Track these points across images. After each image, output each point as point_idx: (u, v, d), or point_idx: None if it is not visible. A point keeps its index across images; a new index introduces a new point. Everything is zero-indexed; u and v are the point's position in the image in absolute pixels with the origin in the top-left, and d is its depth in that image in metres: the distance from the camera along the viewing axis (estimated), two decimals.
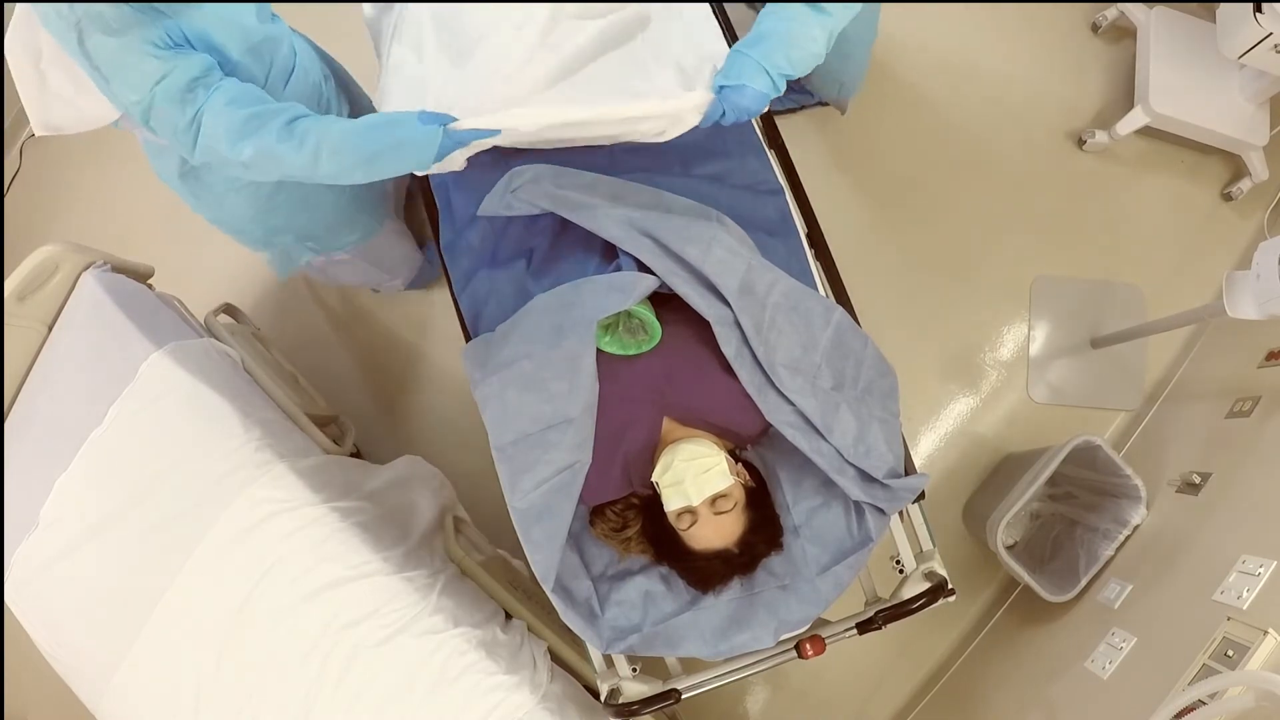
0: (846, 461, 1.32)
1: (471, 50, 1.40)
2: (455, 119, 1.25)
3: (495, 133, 1.25)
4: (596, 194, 1.36)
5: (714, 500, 1.31)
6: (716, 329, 1.30)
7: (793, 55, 1.27)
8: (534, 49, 1.36)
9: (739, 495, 1.34)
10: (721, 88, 1.27)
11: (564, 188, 1.36)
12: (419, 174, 1.31)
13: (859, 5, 1.30)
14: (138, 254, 1.95)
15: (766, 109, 1.39)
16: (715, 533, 1.33)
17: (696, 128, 1.31)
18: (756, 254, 1.38)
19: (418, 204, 2.16)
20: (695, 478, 1.30)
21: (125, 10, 1.20)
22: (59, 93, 1.39)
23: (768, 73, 1.26)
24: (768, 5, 1.31)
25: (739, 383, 1.36)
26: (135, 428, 1.64)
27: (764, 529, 1.37)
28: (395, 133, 1.24)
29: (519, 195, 1.36)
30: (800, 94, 2.38)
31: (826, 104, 2.41)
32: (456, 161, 1.29)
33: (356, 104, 1.73)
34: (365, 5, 1.55)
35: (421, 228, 2.35)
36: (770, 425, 1.45)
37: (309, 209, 1.80)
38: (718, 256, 1.30)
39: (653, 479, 1.35)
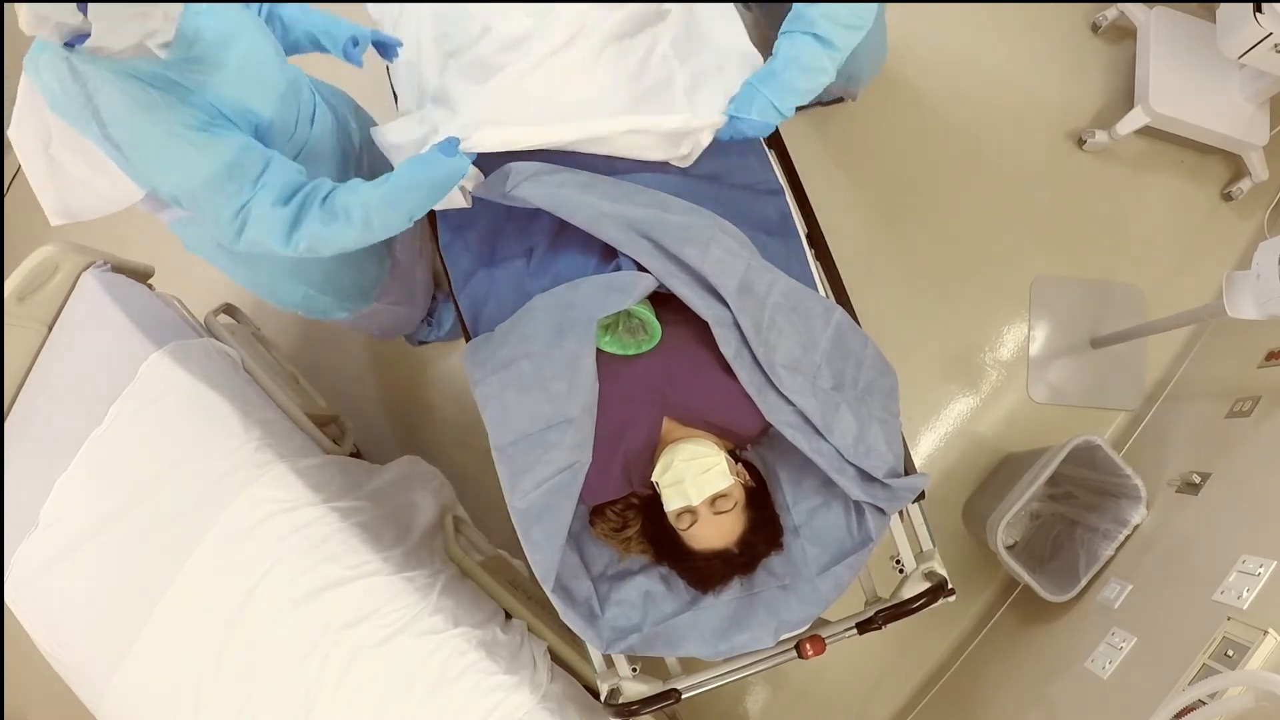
0: (846, 461, 1.32)
1: (492, 74, 1.47)
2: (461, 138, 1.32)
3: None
4: (593, 194, 1.36)
5: (714, 500, 1.31)
6: (715, 330, 1.30)
7: (800, 88, 1.38)
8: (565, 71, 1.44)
9: (739, 495, 1.34)
10: (732, 117, 1.39)
11: (562, 187, 1.36)
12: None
13: (863, 32, 1.37)
14: (138, 254, 1.95)
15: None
16: (715, 533, 1.33)
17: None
18: (756, 255, 1.38)
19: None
20: (695, 478, 1.30)
21: (151, 94, 1.15)
22: (75, 177, 1.31)
23: (776, 107, 1.39)
24: (780, 36, 1.39)
25: (739, 383, 1.36)
26: (135, 428, 1.64)
27: (764, 529, 1.37)
28: (430, 175, 1.28)
29: (517, 192, 1.36)
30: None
31: (833, 102, 2.40)
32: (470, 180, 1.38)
33: (364, 127, 1.71)
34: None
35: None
36: (770, 425, 1.45)
37: (345, 265, 1.75)
38: (716, 257, 1.30)
39: (652, 479, 1.35)
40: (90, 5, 0.98)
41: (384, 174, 1.31)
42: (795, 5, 1.36)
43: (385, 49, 1.53)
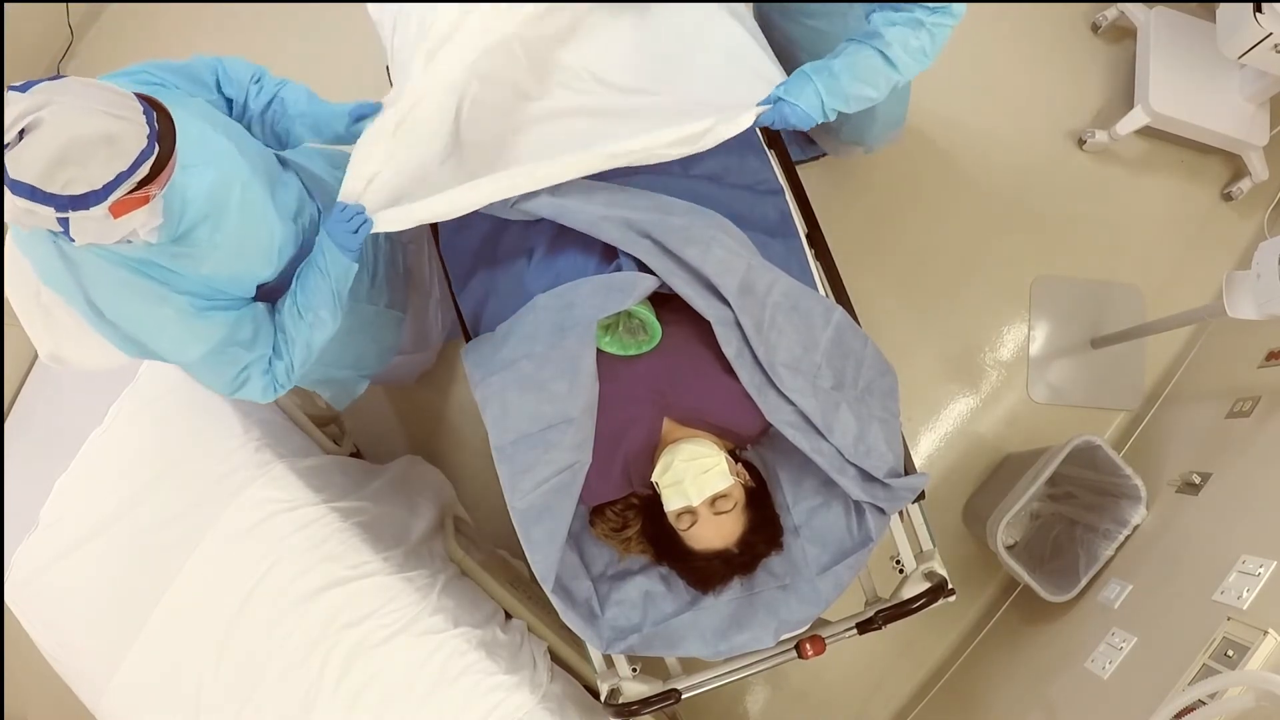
0: (847, 461, 1.32)
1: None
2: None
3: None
4: (595, 201, 1.35)
5: (714, 500, 1.31)
6: (717, 329, 1.30)
7: (851, 94, 1.35)
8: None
9: (739, 495, 1.34)
10: (780, 100, 1.35)
11: (561, 195, 1.35)
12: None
13: (926, 65, 1.35)
14: None
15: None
16: (715, 533, 1.33)
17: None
18: (756, 255, 1.38)
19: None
20: (695, 478, 1.30)
21: (140, 281, 1.10)
22: (66, 328, 1.27)
23: (823, 104, 1.35)
24: (847, 42, 1.36)
25: (739, 383, 1.36)
26: (135, 428, 1.64)
27: (764, 529, 1.37)
28: (321, 270, 1.25)
29: (521, 206, 1.35)
30: (818, 144, 2.33)
31: (816, 158, 2.38)
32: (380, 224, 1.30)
33: None
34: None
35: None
36: (770, 425, 1.45)
37: (354, 335, 1.64)
38: (717, 256, 1.30)
39: (652, 479, 1.35)
40: (70, 220, 0.90)
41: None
42: (873, 17, 1.34)
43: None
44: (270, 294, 1.32)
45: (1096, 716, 1.56)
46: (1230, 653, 1.29)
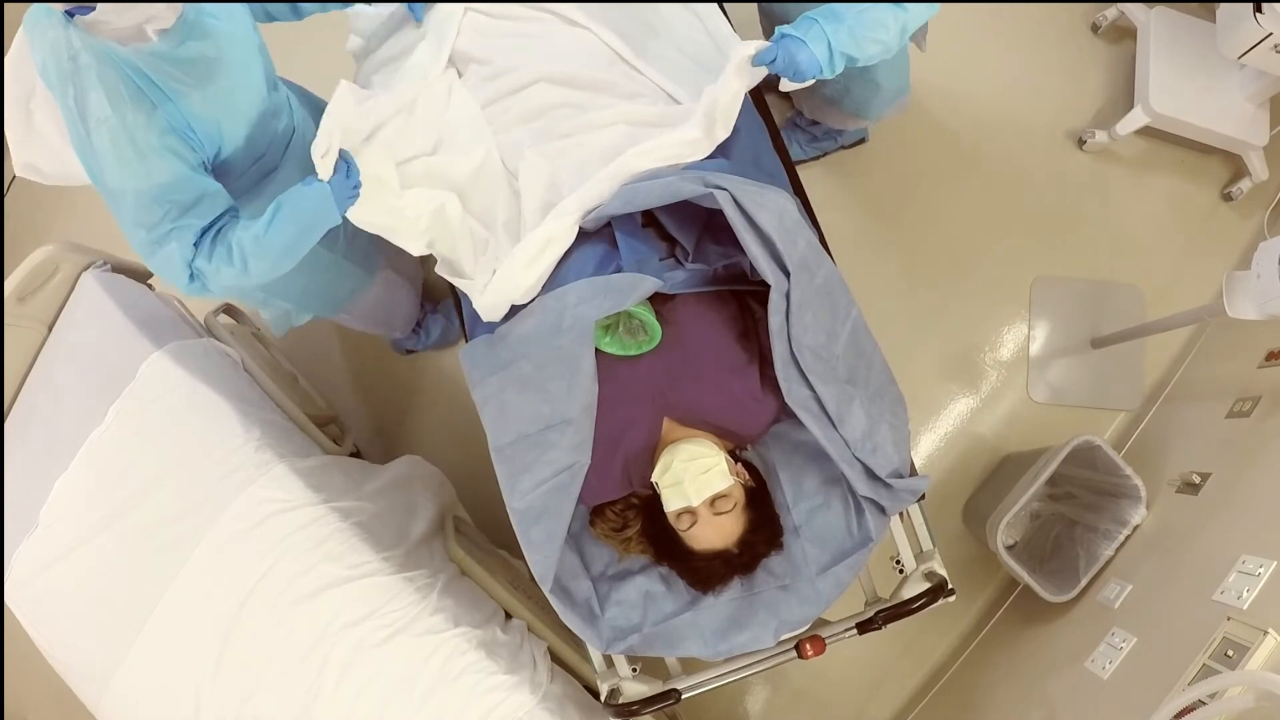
0: (854, 455, 1.31)
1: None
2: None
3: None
4: (662, 173, 1.35)
5: (713, 501, 1.31)
6: (773, 296, 1.27)
7: (859, 35, 1.28)
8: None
9: (739, 495, 1.34)
10: (784, 35, 1.28)
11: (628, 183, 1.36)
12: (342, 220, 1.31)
13: (939, 5, 1.30)
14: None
15: (794, 156, 1.44)
16: (715, 533, 1.33)
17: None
18: (814, 235, 1.38)
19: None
20: (695, 478, 1.30)
21: (126, 89, 1.15)
22: (44, 137, 1.32)
23: (829, 43, 1.27)
24: None
25: (739, 383, 1.36)
26: (135, 428, 1.64)
27: (764, 529, 1.37)
28: (296, 211, 1.25)
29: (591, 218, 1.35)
30: (825, 140, 2.33)
31: (855, 144, 2.38)
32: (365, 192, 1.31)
33: None
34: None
35: (437, 288, 2.36)
36: (770, 425, 1.46)
37: (303, 271, 1.60)
38: (788, 226, 1.27)
39: (652, 479, 1.35)
40: None
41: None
42: None
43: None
44: (220, 176, 1.34)
45: (1096, 716, 1.55)
46: (1230, 653, 1.29)
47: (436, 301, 2.37)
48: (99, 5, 1.02)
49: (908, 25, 1.30)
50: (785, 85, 1.32)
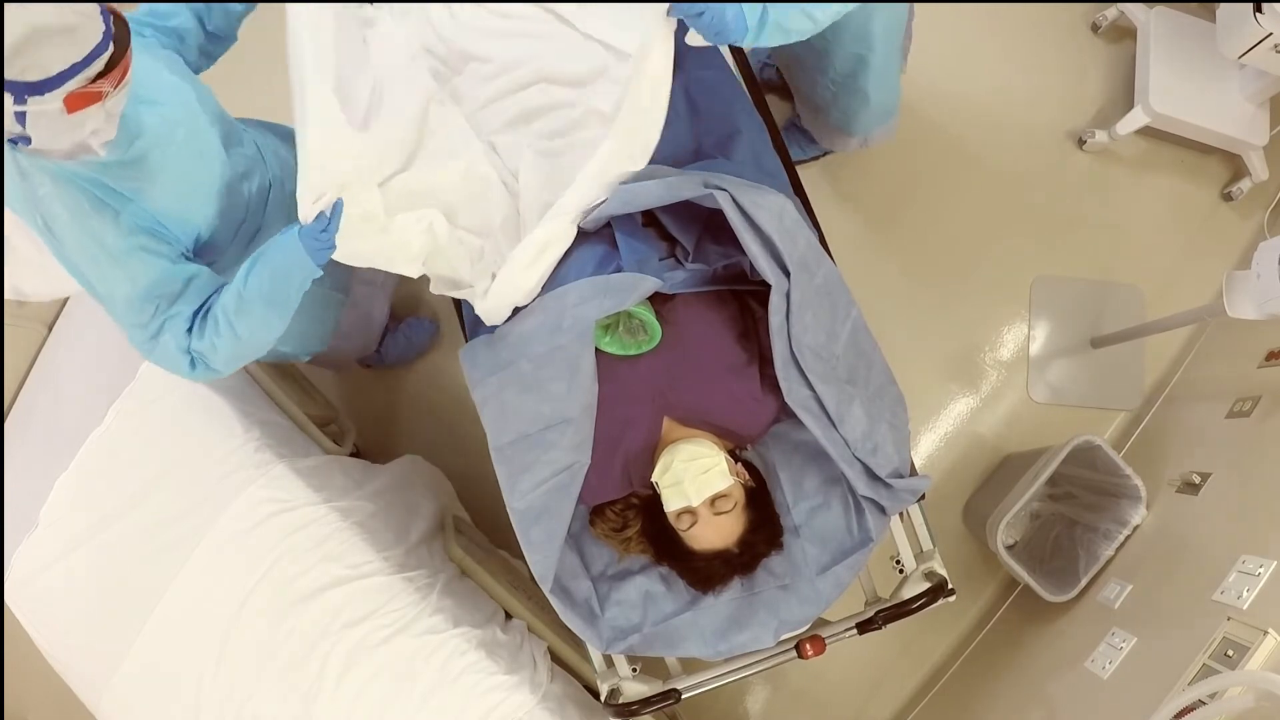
0: (854, 455, 1.31)
1: None
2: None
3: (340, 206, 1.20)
4: (660, 173, 1.34)
5: (713, 500, 1.31)
6: (773, 296, 1.27)
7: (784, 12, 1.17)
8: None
9: (739, 495, 1.34)
10: None
11: (626, 181, 1.34)
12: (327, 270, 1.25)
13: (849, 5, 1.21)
14: None
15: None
16: (715, 533, 1.33)
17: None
18: (814, 234, 1.37)
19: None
20: (695, 478, 1.30)
21: (87, 203, 1.14)
22: (25, 259, 1.30)
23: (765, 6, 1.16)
24: None
25: (739, 383, 1.36)
26: (135, 428, 1.64)
27: (764, 529, 1.37)
28: (269, 262, 1.20)
29: (591, 219, 1.34)
30: (815, 146, 2.30)
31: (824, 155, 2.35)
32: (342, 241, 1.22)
33: None
34: None
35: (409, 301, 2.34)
36: (769, 425, 1.45)
37: (298, 314, 1.44)
38: (787, 226, 1.27)
39: (652, 479, 1.35)
40: (28, 113, 0.95)
41: None
42: None
43: None
44: (207, 254, 1.32)
45: (1096, 716, 1.55)
46: (1230, 653, 1.29)
47: (400, 319, 2.34)
48: (34, 136, 0.99)
49: (838, 10, 1.20)
50: (694, 39, 1.22)
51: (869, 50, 1.70)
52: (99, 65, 0.97)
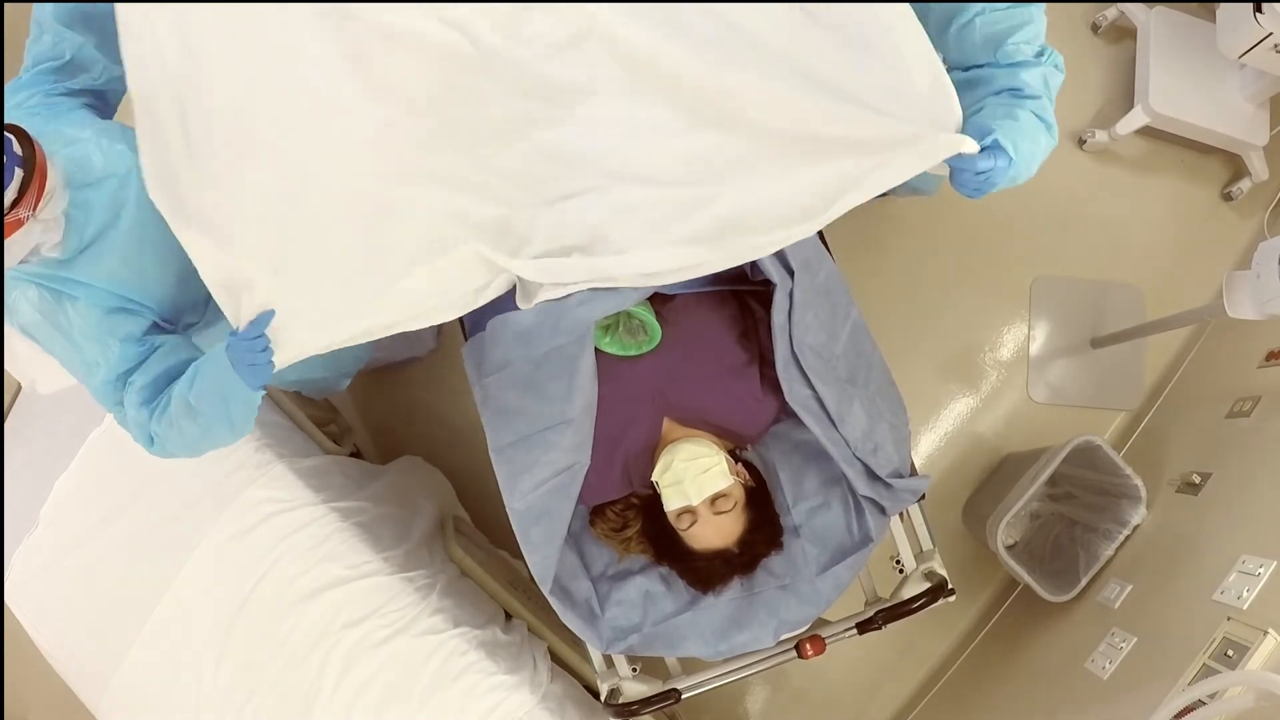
0: (854, 455, 1.32)
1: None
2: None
3: (270, 314, 1.09)
4: None
5: (714, 500, 1.31)
6: (777, 294, 1.26)
7: (1023, 150, 1.15)
8: None
9: (739, 495, 1.34)
10: (997, 143, 1.11)
11: None
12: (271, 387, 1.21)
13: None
14: None
15: None
16: (715, 532, 1.33)
17: None
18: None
19: None
20: (695, 478, 1.30)
21: (47, 298, 1.14)
22: (28, 358, 1.33)
23: (1014, 159, 1.13)
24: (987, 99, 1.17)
25: (739, 383, 1.36)
26: None
27: (764, 529, 1.37)
28: (208, 378, 1.13)
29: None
30: None
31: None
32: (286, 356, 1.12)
33: None
34: None
35: None
36: (769, 426, 1.45)
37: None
38: None
39: (652, 479, 1.35)
40: None
41: None
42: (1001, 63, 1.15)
43: None
44: (188, 315, 1.31)
45: (1096, 716, 1.55)
46: (1230, 653, 1.29)
47: None
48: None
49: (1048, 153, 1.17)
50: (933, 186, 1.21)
51: None
52: (11, 193, 0.98)
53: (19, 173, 0.99)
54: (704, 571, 1.36)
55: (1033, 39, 1.16)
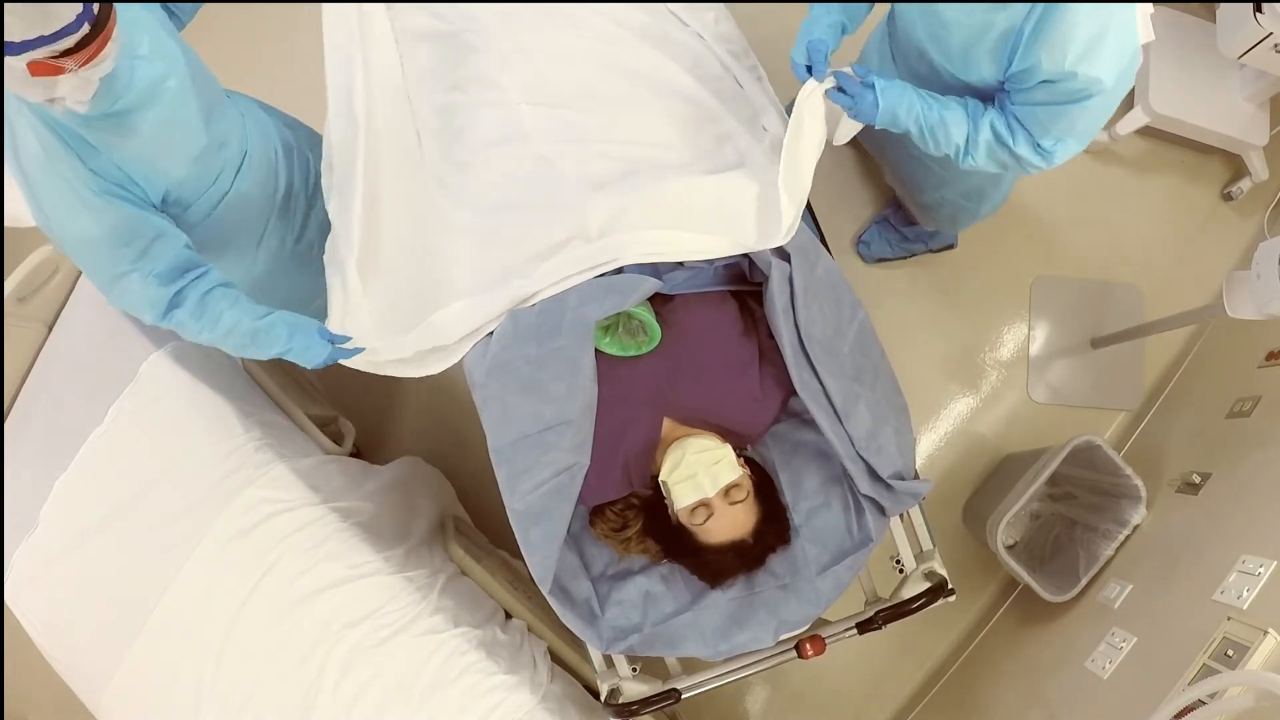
0: (857, 453, 1.32)
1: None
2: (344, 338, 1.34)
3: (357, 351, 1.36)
4: None
5: (728, 490, 1.31)
6: (776, 281, 1.27)
7: (927, 125, 1.26)
8: None
9: (749, 485, 1.35)
10: (871, 80, 1.24)
11: None
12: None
13: (988, 169, 1.30)
14: None
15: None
16: (731, 524, 1.33)
17: None
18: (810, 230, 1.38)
19: None
20: (708, 468, 1.31)
21: (59, 144, 1.15)
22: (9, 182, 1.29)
23: (895, 111, 1.25)
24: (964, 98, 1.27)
25: (739, 383, 1.36)
26: (135, 428, 1.64)
27: (774, 520, 1.38)
28: (287, 349, 1.31)
29: None
30: (915, 242, 2.30)
31: (938, 250, 2.34)
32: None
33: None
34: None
35: None
36: (769, 425, 1.46)
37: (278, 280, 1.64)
38: None
39: (660, 478, 1.35)
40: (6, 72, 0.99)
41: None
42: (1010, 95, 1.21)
43: None
44: (173, 209, 1.33)
45: (1096, 716, 1.55)
46: (1230, 653, 1.29)
47: None
48: (8, 82, 1.02)
49: (970, 152, 1.28)
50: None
51: (995, 186, 1.75)
52: (67, 43, 0.99)
53: (86, 29, 1.00)
54: (716, 565, 1.37)
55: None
